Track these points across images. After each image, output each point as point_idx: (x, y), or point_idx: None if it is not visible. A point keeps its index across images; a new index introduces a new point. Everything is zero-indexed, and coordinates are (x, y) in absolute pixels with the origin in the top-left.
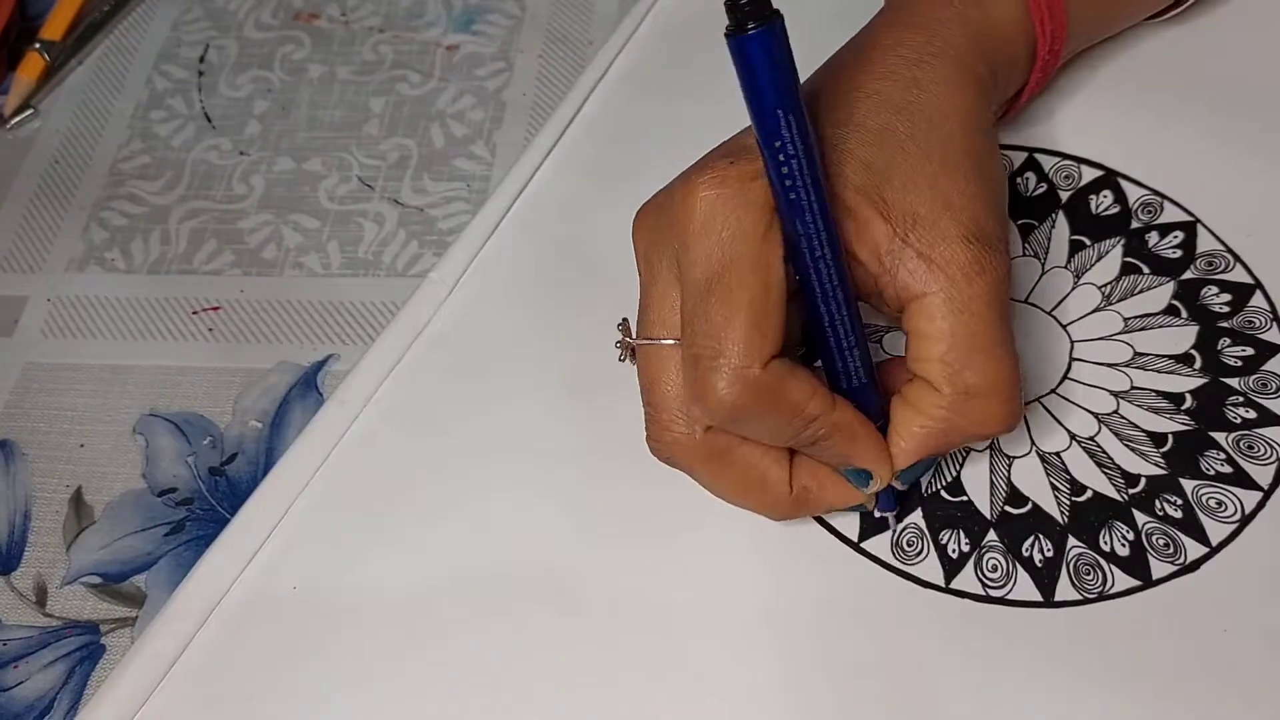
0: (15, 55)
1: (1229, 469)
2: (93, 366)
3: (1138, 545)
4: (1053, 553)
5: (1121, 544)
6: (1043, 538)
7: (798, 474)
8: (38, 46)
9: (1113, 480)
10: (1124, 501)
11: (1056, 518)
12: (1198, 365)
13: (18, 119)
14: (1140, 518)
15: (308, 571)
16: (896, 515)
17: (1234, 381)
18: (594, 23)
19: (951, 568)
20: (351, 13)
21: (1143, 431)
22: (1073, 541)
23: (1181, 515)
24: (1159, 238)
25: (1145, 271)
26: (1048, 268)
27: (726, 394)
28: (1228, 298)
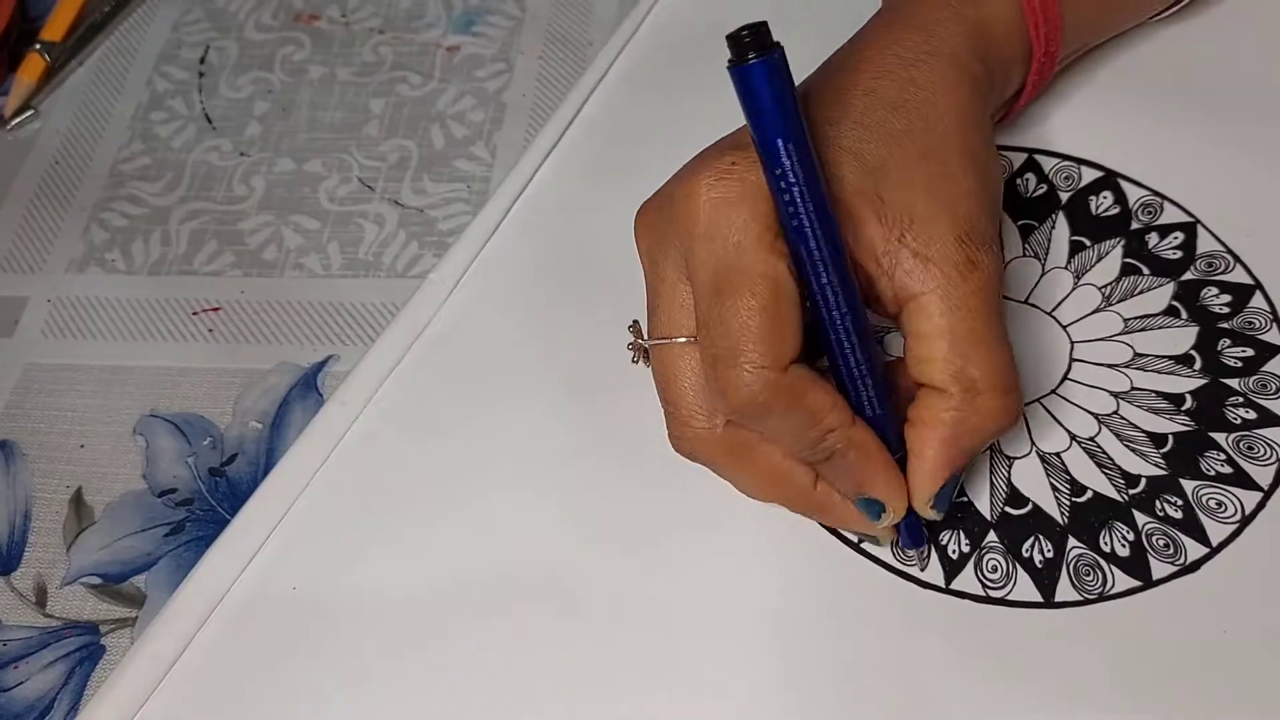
0: (16, 56)
1: (1229, 469)
2: (93, 367)
3: (1138, 546)
4: (1053, 553)
5: (1122, 544)
6: (1043, 538)
7: (822, 479)
8: (38, 48)
9: (1113, 481)
10: (1124, 502)
11: (1057, 518)
12: (1198, 366)
13: (18, 120)
14: (1140, 518)
15: (308, 572)
16: (924, 554)
17: (1234, 382)
18: (594, 24)
19: (952, 568)
20: (352, 14)
21: (1143, 432)
22: (1073, 542)
23: (1182, 516)
24: (1159, 238)
25: (1145, 272)
26: (1048, 268)
27: (748, 390)
28: (1228, 298)
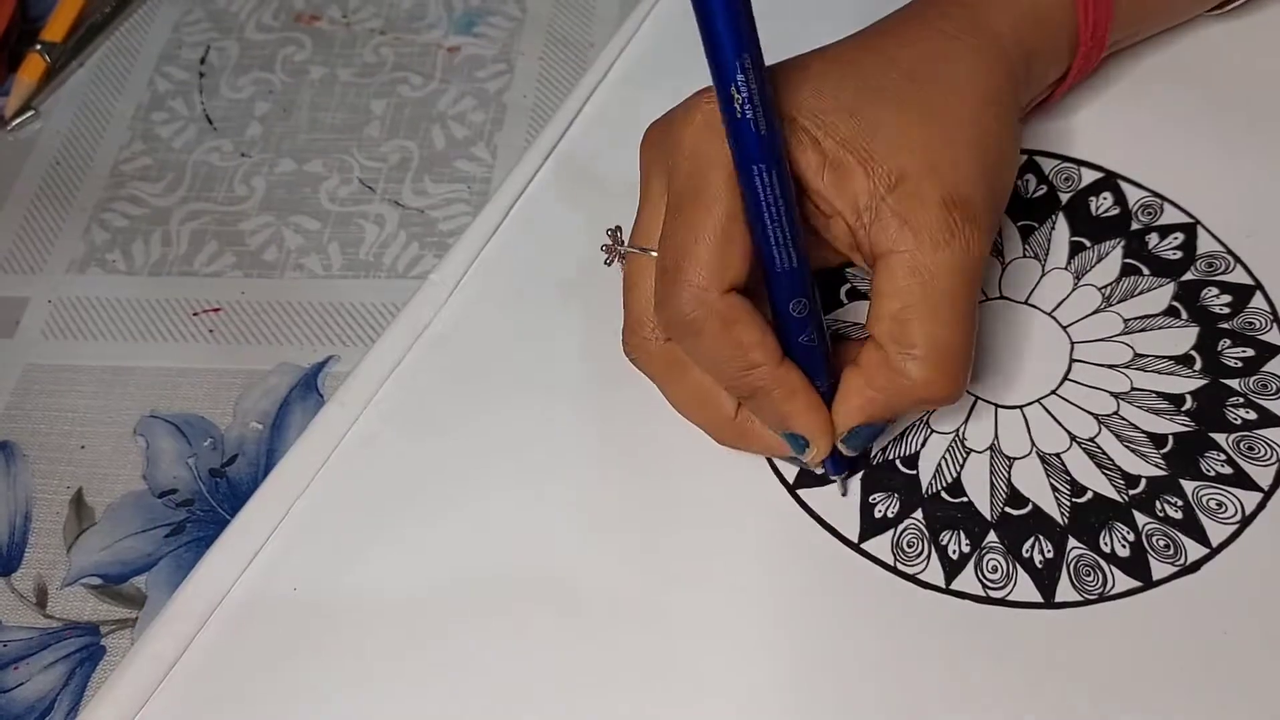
0: (16, 57)
1: (1229, 470)
2: (93, 368)
3: (1138, 546)
4: (1053, 554)
5: (1122, 545)
6: (1043, 539)
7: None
8: (39, 48)
9: (1113, 481)
10: (1124, 502)
11: (1057, 519)
12: (1198, 366)
13: (19, 120)
14: (1140, 519)
15: (308, 572)
16: (845, 479)
17: (1234, 383)
18: (595, 25)
19: (952, 569)
20: (353, 14)
21: (1143, 433)
22: (1073, 542)
23: (1182, 516)
24: (1159, 239)
25: (1145, 273)
26: (1048, 269)
27: (680, 304)
28: (1228, 299)
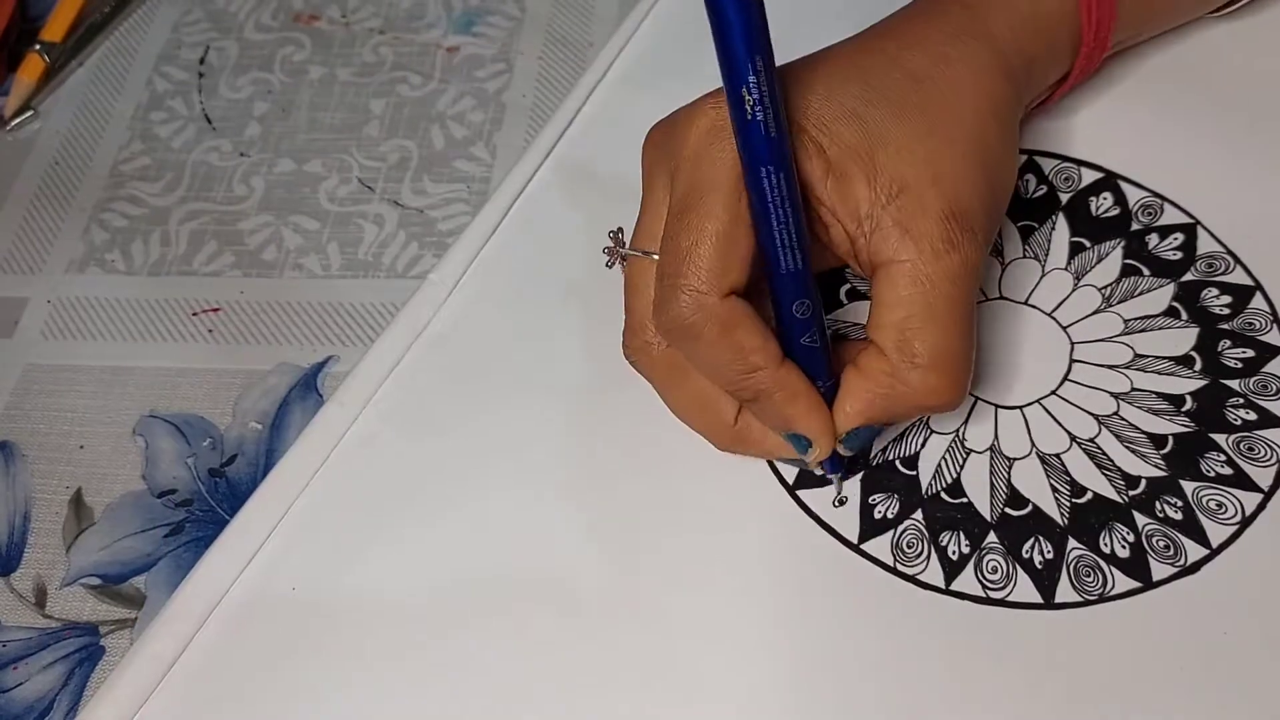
0: (15, 57)
1: (1229, 471)
2: (93, 368)
3: (1138, 547)
4: (1053, 554)
5: (1122, 546)
6: (1043, 539)
7: (746, 412)
8: (38, 48)
9: (1113, 482)
10: (1124, 503)
11: (1057, 519)
12: (1198, 367)
13: (18, 120)
14: (1140, 519)
15: (307, 572)
16: (842, 478)
17: (1234, 383)
18: (594, 24)
19: (951, 569)
20: (352, 14)
21: (1143, 433)
22: (1073, 543)
23: (1182, 517)
24: (1159, 240)
25: (1145, 273)
26: (1048, 269)
27: (679, 310)
28: (1228, 299)
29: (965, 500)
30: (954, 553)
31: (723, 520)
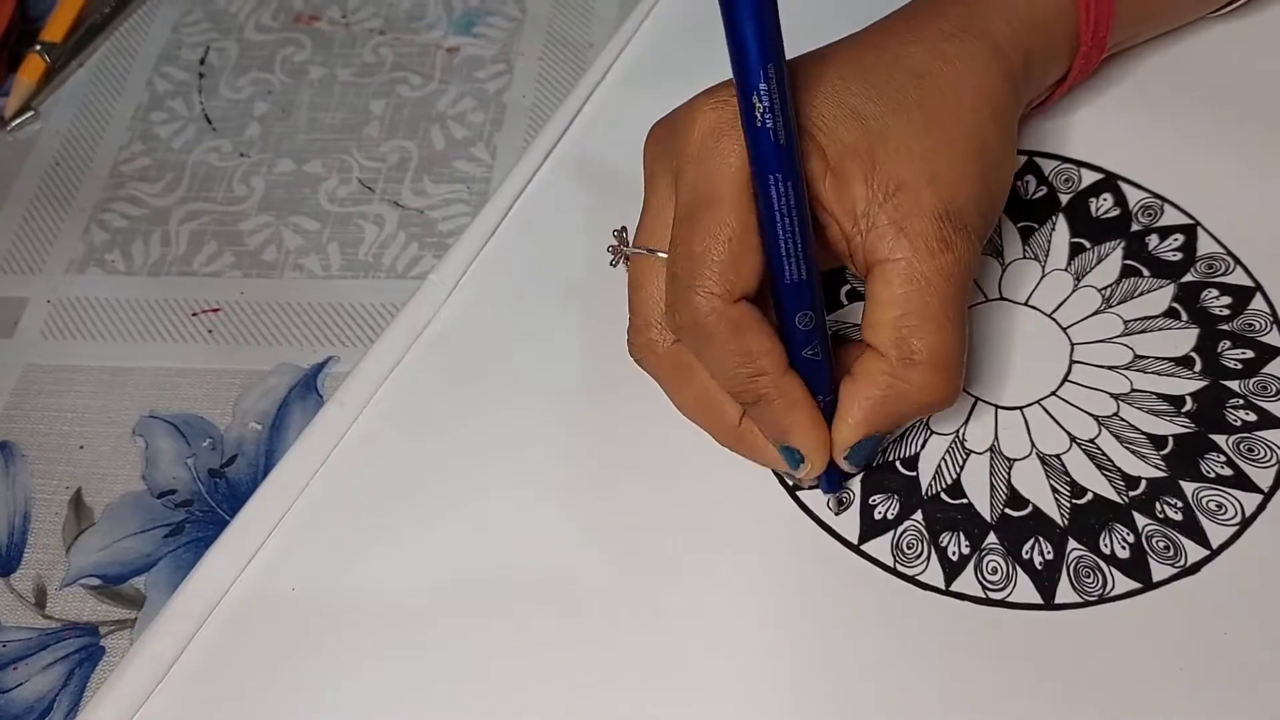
0: (16, 57)
1: (1229, 471)
2: (93, 368)
3: (1138, 548)
4: (1053, 555)
5: (1122, 546)
6: (1043, 540)
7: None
8: (38, 49)
9: (1113, 483)
10: (1124, 504)
11: (1057, 520)
12: (1198, 368)
13: (18, 121)
14: (1140, 520)
15: (307, 572)
16: (839, 499)
17: (1234, 384)
18: (594, 25)
19: (951, 570)
20: (352, 15)
21: (1143, 434)
22: (1073, 544)
23: (1182, 518)
24: (1159, 240)
25: (1145, 274)
26: (1048, 270)
27: (694, 312)
28: (1228, 300)
29: (965, 501)
30: (954, 553)
31: (723, 520)
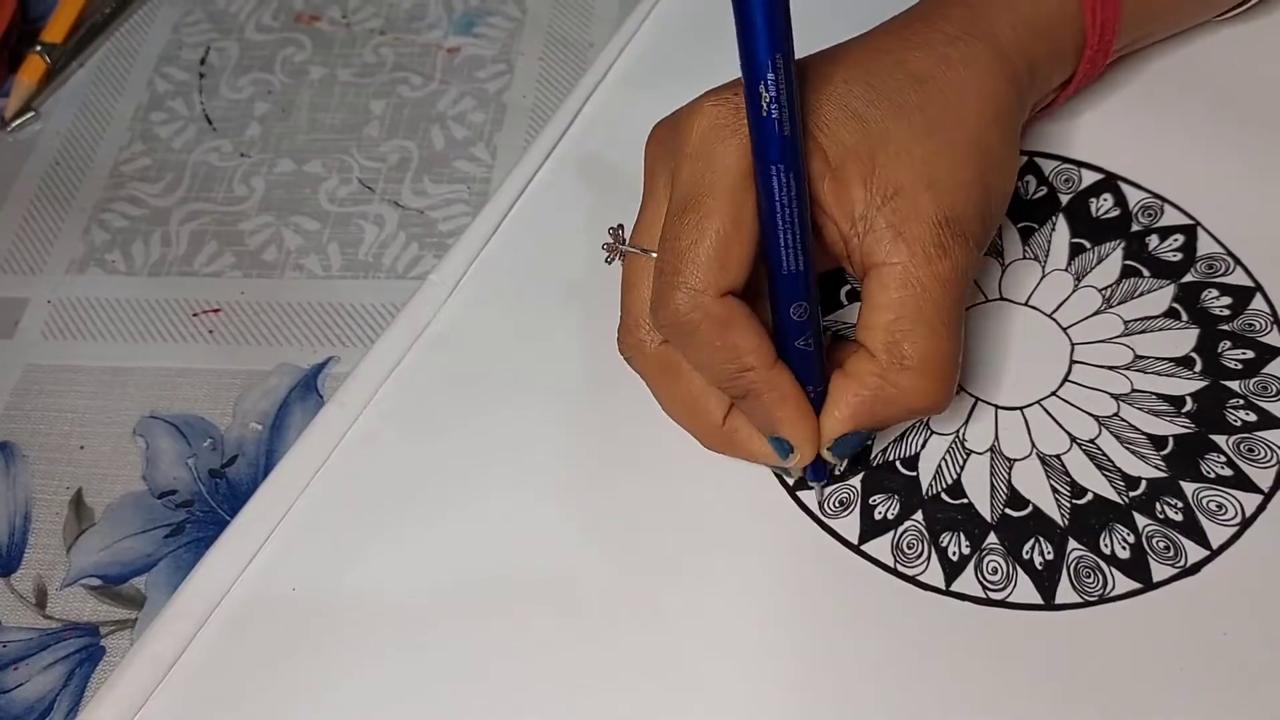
0: (16, 58)
1: (1229, 472)
2: (93, 368)
3: (1138, 548)
4: (1053, 555)
5: (1122, 547)
6: (1043, 540)
7: (735, 415)
8: (39, 49)
9: (1113, 483)
10: (1124, 504)
11: (1057, 520)
12: (1198, 368)
13: (19, 121)
14: (1141, 520)
15: (307, 572)
16: (824, 486)
17: (1234, 384)
18: (594, 25)
19: (952, 570)
20: (352, 15)
21: (1143, 434)
22: (1073, 544)
23: (1182, 518)
24: (1159, 241)
25: (1145, 274)
26: (1048, 270)
27: (677, 307)
28: (1228, 301)
29: (965, 501)
30: (954, 553)
31: (723, 520)
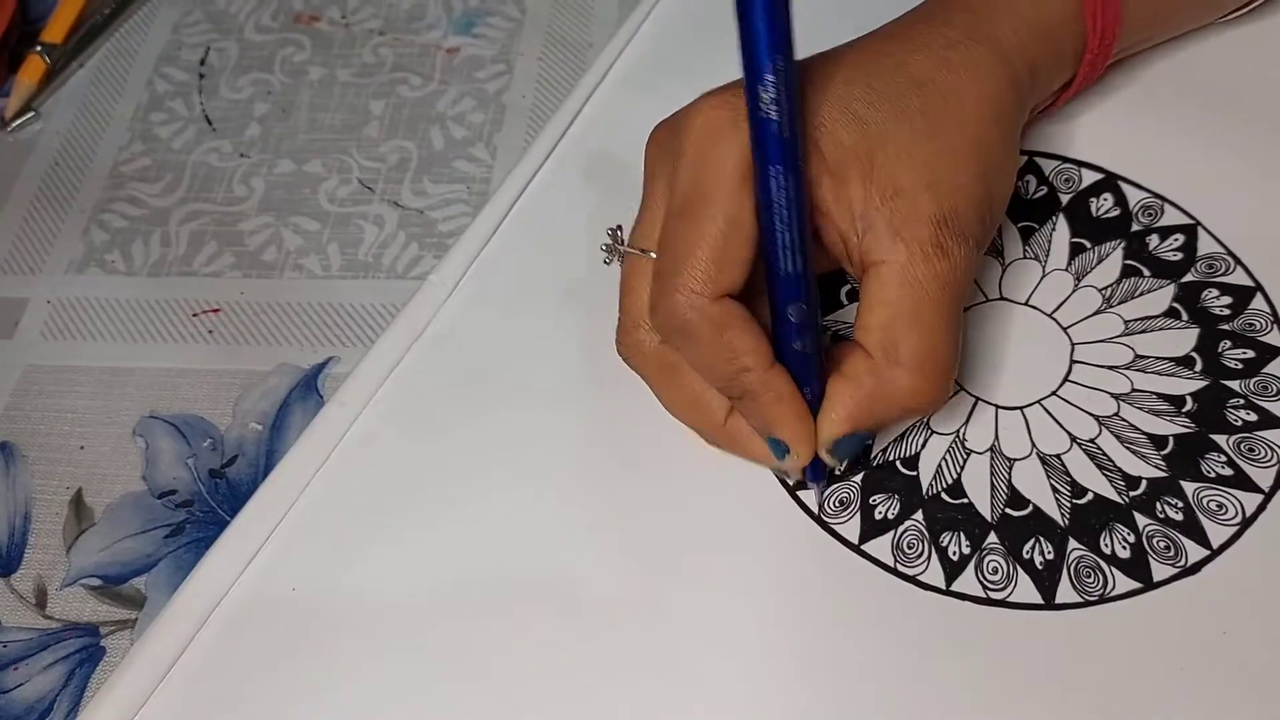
0: (16, 58)
1: (1229, 471)
2: (93, 369)
3: (1138, 548)
4: (1053, 555)
5: (1122, 546)
6: (1043, 540)
7: (736, 414)
8: (39, 49)
9: (1113, 482)
10: (1125, 504)
11: (1057, 520)
12: (1198, 368)
13: (19, 122)
14: (1141, 520)
15: (307, 573)
16: (824, 486)
17: (1234, 384)
18: (594, 25)
19: (952, 570)
20: (352, 15)
21: (1143, 434)
22: (1073, 544)
23: (1182, 518)
24: (1159, 240)
25: (1146, 274)
26: (1048, 270)
27: (674, 310)
28: (1228, 300)
29: (966, 501)
30: (954, 553)
31: (723, 520)
